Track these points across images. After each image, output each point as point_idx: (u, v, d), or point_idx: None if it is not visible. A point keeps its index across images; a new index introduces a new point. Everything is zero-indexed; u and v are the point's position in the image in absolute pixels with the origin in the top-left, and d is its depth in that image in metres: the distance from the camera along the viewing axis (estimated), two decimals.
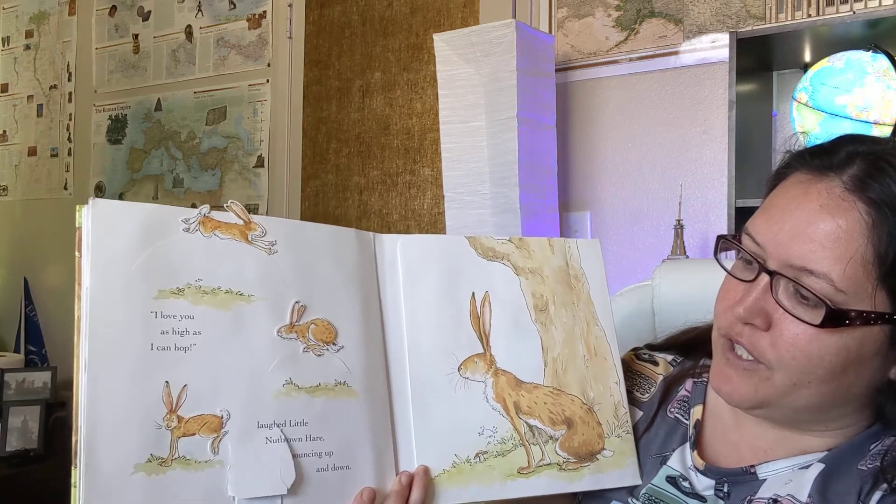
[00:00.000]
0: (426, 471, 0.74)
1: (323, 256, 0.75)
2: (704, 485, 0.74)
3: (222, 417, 0.66)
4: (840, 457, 0.69)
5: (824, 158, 0.67)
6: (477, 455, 0.76)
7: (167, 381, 0.65)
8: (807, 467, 0.70)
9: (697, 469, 0.76)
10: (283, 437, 0.67)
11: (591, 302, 0.85)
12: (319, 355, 0.72)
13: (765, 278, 0.67)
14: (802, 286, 0.64)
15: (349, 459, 0.71)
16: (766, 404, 0.69)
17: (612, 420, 0.82)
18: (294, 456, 0.67)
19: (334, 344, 0.73)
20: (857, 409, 0.70)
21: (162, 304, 0.67)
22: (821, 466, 0.69)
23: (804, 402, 0.68)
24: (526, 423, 0.79)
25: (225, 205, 0.73)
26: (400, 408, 0.76)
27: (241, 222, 0.72)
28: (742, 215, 1.61)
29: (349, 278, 0.76)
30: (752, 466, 0.72)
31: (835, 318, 0.63)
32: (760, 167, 1.81)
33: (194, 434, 0.65)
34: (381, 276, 0.79)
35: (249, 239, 0.72)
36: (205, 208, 0.72)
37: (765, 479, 0.71)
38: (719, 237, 0.73)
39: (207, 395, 0.66)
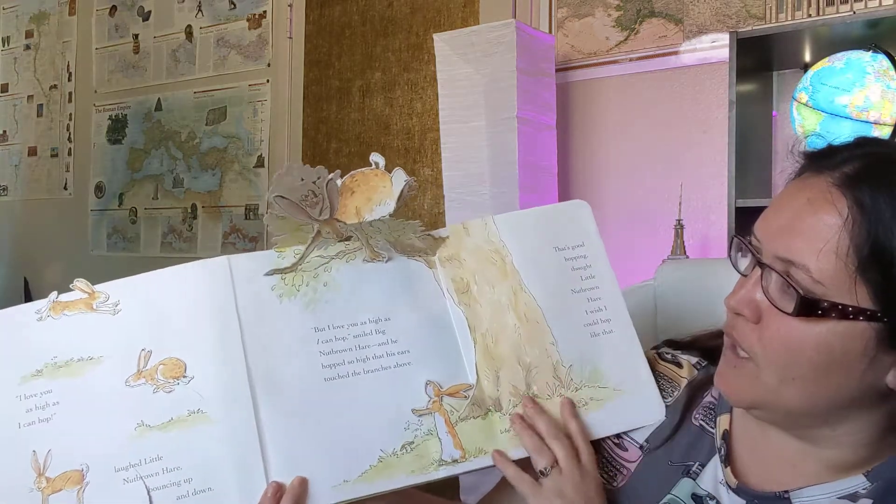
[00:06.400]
0: (302, 482, 0.74)
1: (167, 300, 0.81)
2: (734, 503, 0.73)
3: (82, 470, 0.74)
4: (887, 490, 0.68)
5: (827, 158, 0.68)
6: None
7: (34, 451, 0.74)
8: (853, 501, 0.69)
9: (729, 486, 0.74)
10: (138, 475, 0.74)
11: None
12: (170, 392, 0.77)
13: (758, 271, 0.68)
14: (785, 277, 0.65)
15: (210, 482, 0.74)
16: (759, 404, 0.70)
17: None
18: (151, 490, 0.73)
19: (184, 377, 0.78)
20: (863, 416, 0.69)
21: (24, 388, 0.77)
22: (868, 502, 0.68)
23: (794, 403, 0.67)
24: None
25: (70, 285, 0.81)
26: (271, 422, 0.77)
27: (86, 295, 0.81)
28: (742, 215, 1.61)
29: (197, 311, 0.80)
30: (786, 492, 0.71)
31: (806, 306, 0.63)
32: (760, 167, 1.81)
33: (61, 489, 0.73)
34: (239, 298, 0.81)
35: (94, 307, 0.81)
36: (53, 295, 0.81)
37: None
38: (733, 237, 0.74)
39: (69, 453, 0.74)
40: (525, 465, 0.78)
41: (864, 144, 0.69)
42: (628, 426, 0.81)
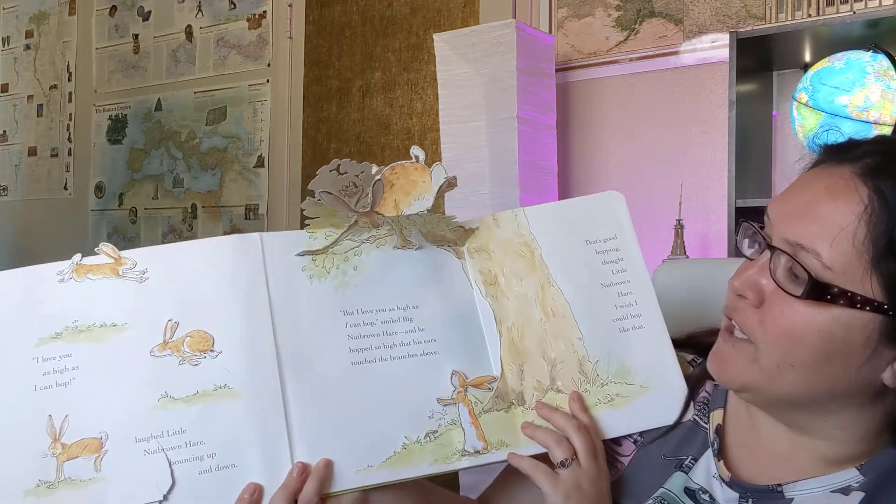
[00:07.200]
0: (327, 464, 0.74)
1: (196, 271, 0.79)
2: (727, 496, 0.73)
3: (101, 438, 0.72)
4: (879, 483, 0.68)
5: (848, 151, 0.68)
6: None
7: (50, 415, 0.72)
8: (845, 494, 0.69)
9: (723, 479, 0.74)
10: (160, 447, 0.72)
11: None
12: (196, 365, 0.76)
13: (766, 255, 0.68)
14: (795, 261, 0.65)
15: (234, 458, 0.73)
16: (751, 387, 0.69)
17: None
18: (173, 463, 0.72)
19: (212, 351, 0.76)
20: (856, 411, 0.69)
21: (42, 350, 0.75)
22: (860, 495, 0.68)
23: (788, 390, 0.67)
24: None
25: (96, 249, 0.80)
26: (298, 402, 0.76)
27: (112, 260, 0.79)
28: (742, 215, 1.61)
29: (227, 286, 0.79)
30: (779, 485, 0.71)
31: (816, 290, 0.63)
32: (760, 167, 1.81)
33: (77, 457, 0.72)
34: (270, 276, 0.80)
35: (120, 273, 0.79)
36: (77, 257, 0.80)
37: (792, 499, 0.70)
38: (741, 220, 0.74)
39: (87, 420, 0.73)
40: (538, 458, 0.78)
41: (885, 141, 0.70)
42: (656, 423, 0.80)
